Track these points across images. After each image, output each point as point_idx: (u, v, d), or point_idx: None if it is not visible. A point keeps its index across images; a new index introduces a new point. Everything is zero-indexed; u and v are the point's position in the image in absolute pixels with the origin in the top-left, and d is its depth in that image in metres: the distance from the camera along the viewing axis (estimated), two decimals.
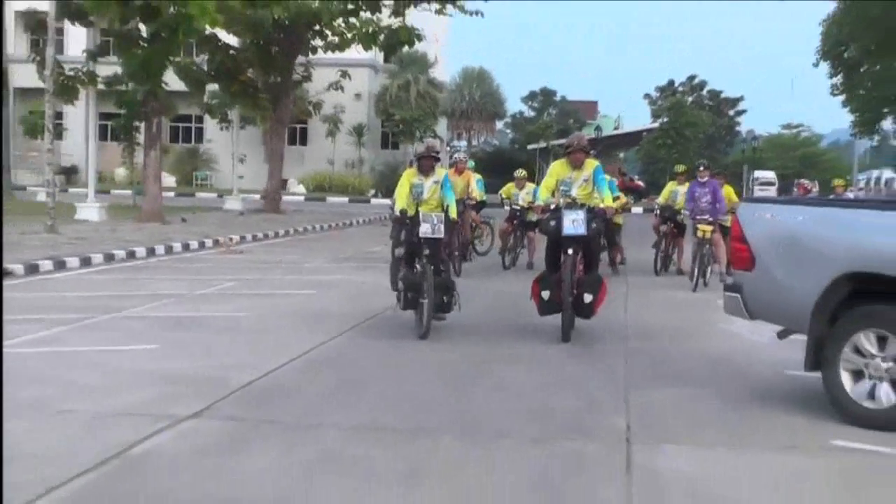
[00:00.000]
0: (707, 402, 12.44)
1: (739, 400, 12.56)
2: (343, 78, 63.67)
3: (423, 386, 13.00)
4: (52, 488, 8.28)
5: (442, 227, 16.34)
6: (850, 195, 54.33)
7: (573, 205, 15.87)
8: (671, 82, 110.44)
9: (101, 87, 52.28)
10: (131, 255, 28.86)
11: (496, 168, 66.35)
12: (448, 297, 16.63)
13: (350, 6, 52.17)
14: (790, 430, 11.07)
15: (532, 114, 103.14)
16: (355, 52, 58.54)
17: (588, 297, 15.69)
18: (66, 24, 53.39)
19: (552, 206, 16.80)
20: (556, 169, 17.29)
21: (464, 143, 77.51)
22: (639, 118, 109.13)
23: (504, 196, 31.82)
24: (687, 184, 29.04)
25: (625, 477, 9.17)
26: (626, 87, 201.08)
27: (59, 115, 57.34)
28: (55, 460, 8.94)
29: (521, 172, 32.94)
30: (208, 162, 77.22)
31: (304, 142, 73.50)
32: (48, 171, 42.93)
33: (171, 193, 58.03)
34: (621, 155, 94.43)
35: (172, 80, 51.92)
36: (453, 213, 17.04)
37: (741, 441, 10.59)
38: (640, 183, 55.46)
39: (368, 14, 53.15)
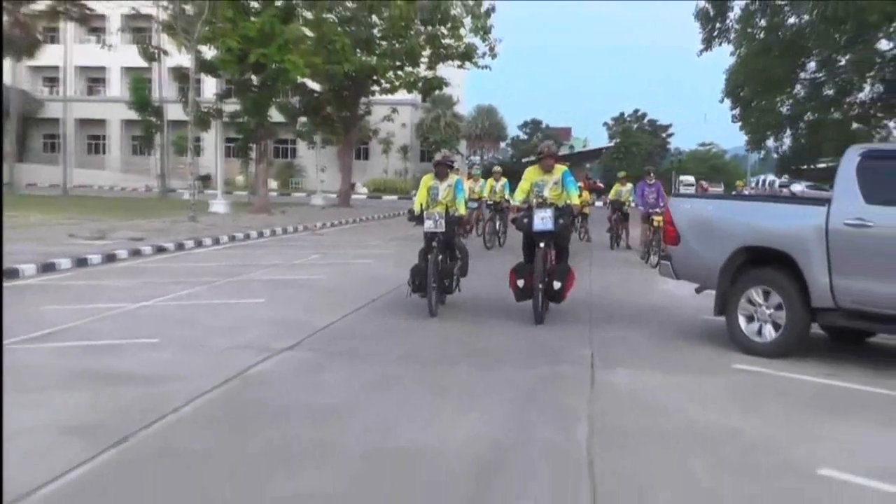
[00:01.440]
0: (647, 338, 12.71)
1: (668, 336, 12.88)
2: (393, 113, 63.85)
3: (446, 330, 13.06)
4: (199, 395, 8.59)
5: (442, 222, 14.27)
6: (746, 192, 55.21)
7: (543, 204, 13.66)
8: (622, 114, 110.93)
9: (225, 119, 52.66)
10: (247, 236, 28.97)
11: (485, 174, 66.99)
12: (449, 281, 14.67)
13: (398, 63, 52.22)
14: (704, 357, 11.37)
15: (525, 137, 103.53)
16: (402, 95, 58.54)
17: (557, 284, 13.36)
18: (202, 75, 53.47)
19: (526, 206, 14.26)
20: (530, 174, 14.65)
21: (478, 158, 77.72)
22: (600, 139, 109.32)
23: (486, 192, 29.95)
24: (628, 184, 30.62)
25: (590, 390, 9.43)
26: (590, 116, 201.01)
27: (197, 139, 57.91)
28: (197, 378, 9.16)
29: (497, 168, 31.85)
30: (299, 171, 77.14)
31: (366, 157, 73.53)
32: (190, 178, 43.24)
33: (274, 194, 58.08)
34: (588, 165, 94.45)
35: (275, 114, 52.22)
36: (461, 210, 15.00)
37: (670, 365, 10.84)
38: (601, 184, 55.43)
39: (410, 68, 53.18)
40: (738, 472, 6.75)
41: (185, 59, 50.02)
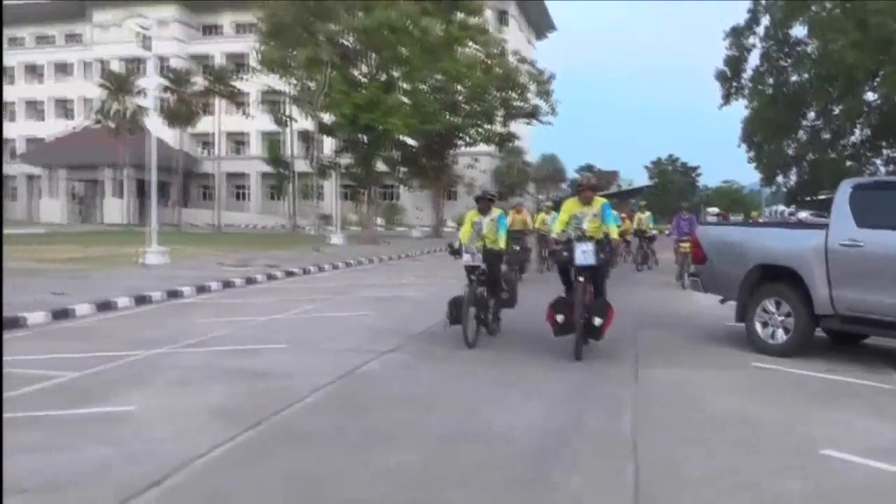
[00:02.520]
0: (681, 341, 12.54)
1: (698, 339, 12.68)
2: (475, 162, 64.14)
3: (507, 334, 12.85)
4: (319, 388, 8.64)
5: (479, 256, 11.85)
6: (761, 220, 54.55)
7: (584, 237, 11.15)
8: (659, 158, 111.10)
9: (341, 170, 53.21)
10: (359, 262, 29.13)
11: (557, 206, 66.86)
12: (485, 314, 11.91)
13: (478, 122, 52.55)
14: (727, 356, 11.17)
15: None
16: (481, 147, 58.76)
17: (598, 321, 10.76)
18: (322, 136, 54.09)
19: (565, 239, 11.65)
20: (569, 206, 11.97)
21: (544, 196, 77.49)
22: (642, 179, 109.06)
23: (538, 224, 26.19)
24: (647, 212, 29.63)
25: (634, 383, 9.35)
26: (635, 160, 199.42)
27: (320, 186, 58.65)
28: (317, 375, 9.21)
29: (548, 203, 30.78)
30: (401, 210, 77.46)
31: (454, 198, 73.35)
32: (314, 218, 43.78)
33: (381, 229, 58.36)
34: (632, 201, 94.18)
35: (380, 165, 52.72)
36: (500, 243, 12.24)
37: (699, 363, 10.74)
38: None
39: (488, 126, 53.46)
40: (755, 451, 6.67)
41: (308, 124, 50.92)
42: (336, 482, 5.79)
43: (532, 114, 54.37)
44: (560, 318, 10.86)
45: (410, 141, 52.43)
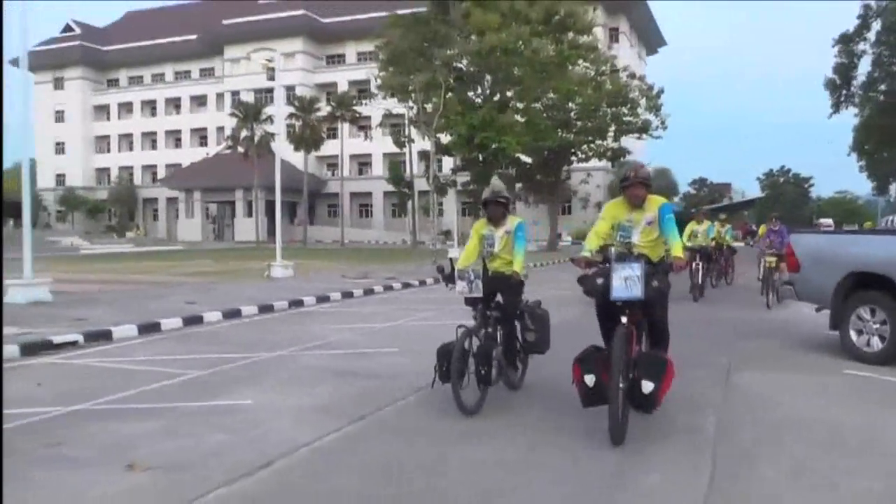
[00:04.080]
0: (774, 348, 12.23)
1: (793, 347, 12.35)
2: (588, 177, 63.88)
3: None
4: (420, 388, 8.85)
5: (479, 284, 8.25)
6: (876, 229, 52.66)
7: (627, 256, 7.41)
8: (771, 170, 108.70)
9: (459, 188, 53.90)
10: None
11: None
12: (487, 368, 7.93)
13: (590, 138, 52.37)
14: (820, 363, 10.85)
15: (693, 192, 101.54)
16: (594, 162, 58.48)
17: (648, 386, 6.90)
18: (440, 156, 54.78)
19: (599, 259, 7.71)
20: (611, 210, 7.84)
21: None
22: (754, 192, 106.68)
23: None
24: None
25: (724, 386, 9.22)
26: (747, 172, 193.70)
27: (440, 203, 59.48)
28: (422, 376, 9.28)
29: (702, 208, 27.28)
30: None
31: (569, 212, 72.95)
32: (433, 233, 44.32)
33: None
34: (745, 213, 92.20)
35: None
36: (517, 267, 8.44)
37: (792, 368, 10.46)
38: (754, 227, 53.88)
39: (600, 141, 53.21)
40: (835, 453, 6.56)
41: (427, 144, 51.52)
42: (421, 471, 6.08)
43: (643, 128, 53.84)
44: (590, 379, 6.84)
45: (526, 158, 52.59)
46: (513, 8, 45.00)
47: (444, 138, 49.50)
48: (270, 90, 67.02)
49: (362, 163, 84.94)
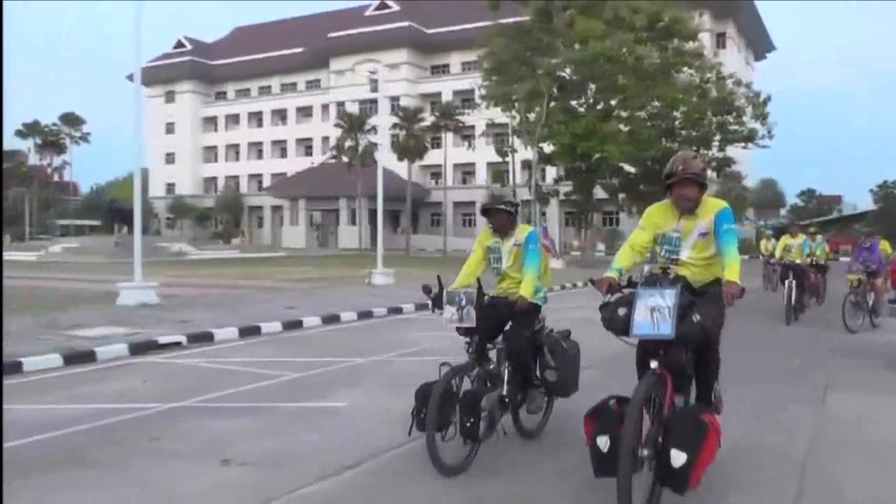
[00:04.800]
0: (873, 369, 11.48)
1: (892, 368, 11.64)
2: None
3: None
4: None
5: (471, 311, 6.53)
6: None
7: (659, 278, 5.55)
8: (885, 181, 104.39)
9: (562, 197, 53.74)
10: (574, 285, 29.07)
11: (777, 233, 64.58)
12: (473, 419, 6.11)
13: (694, 147, 51.53)
14: None
15: (802, 204, 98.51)
16: None
17: (678, 458, 4.87)
18: (543, 165, 54.74)
19: (623, 283, 5.63)
20: (653, 216, 5.90)
21: (762, 222, 74.88)
22: (867, 204, 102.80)
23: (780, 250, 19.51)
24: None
25: (821, 405, 8.81)
26: (859, 184, 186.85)
27: (543, 213, 59.36)
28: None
29: (768, 231, 25.01)
30: (622, 235, 76.52)
31: None
32: None
33: (601, 253, 57.97)
34: (855, 226, 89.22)
35: (599, 192, 52.84)
36: (525, 290, 6.67)
37: (891, 390, 9.89)
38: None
39: (704, 151, 52.32)
40: None
41: (529, 154, 51.51)
42: (501, 474, 6.13)
43: (748, 137, 52.59)
44: (604, 442, 5.02)
45: (629, 167, 52.11)
46: (617, 15, 44.62)
47: (547, 148, 49.46)
48: (375, 101, 67.82)
49: (466, 172, 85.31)
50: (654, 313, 5.08)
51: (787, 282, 17.54)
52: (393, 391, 9.24)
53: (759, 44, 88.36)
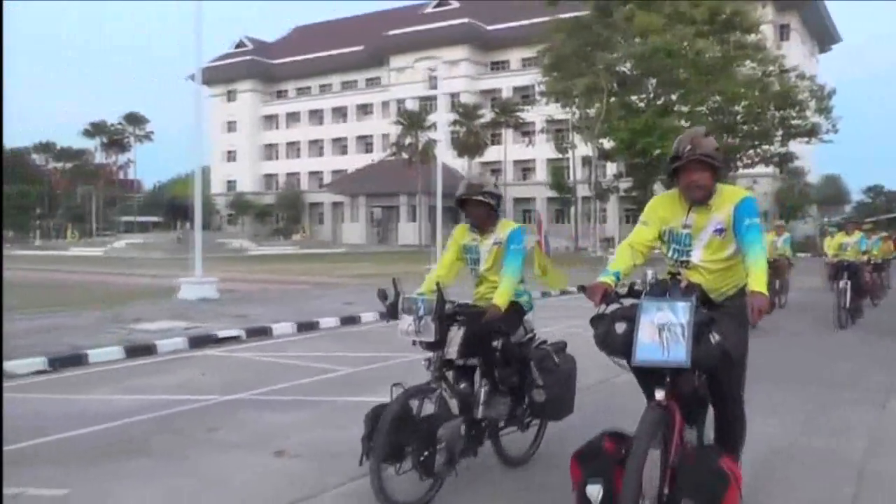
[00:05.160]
0: None
1: None
2: (754, 184, 62.00)
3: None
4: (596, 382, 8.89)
5: (430, 322, 5.33)
6: None
7: (669, 286, 4.33)
8: None
9: (621, 194, 53.43)
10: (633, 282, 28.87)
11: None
12: (429, 450, 4.94)
13: (755, 143, 50.84)
14: None
15: (868, 200, 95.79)
16: (760, 168, 56.64)
17: None
18: (603, 161, 54.54)
19: (622, 293, 4.46)
20: (657, 208, 4.73)
21: (827, 218, 73.54)
22: None
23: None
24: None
25: (880, 411, 8.34)
26: None
27: (602, 209, 59.13)
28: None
29: (833, 228, 21.88)
30: None
31: None
32: (594, 239, 44.08)
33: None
34: None
35: (658, 188, 52.34)
36: (498, 299, 5.52)
37: None
38: None
39: (766, 146, 51.60)
40: None
41: (589, 150, 51.35)
42: (565, 471, 6.09)
43: (811, 132, 51.65)
44: (595, 491, 4.05)
45: None
46: (677, 9, 44.27)
47: (606, 144, 49.25)
48: (434, 98, 68.19)
49: (525, 168, 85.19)
50: (664, 333, 3.97)
51: (840, 282, 15.71)
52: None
53: (823, 35, 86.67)
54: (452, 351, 5.46)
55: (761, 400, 8.59)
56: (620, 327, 4.18)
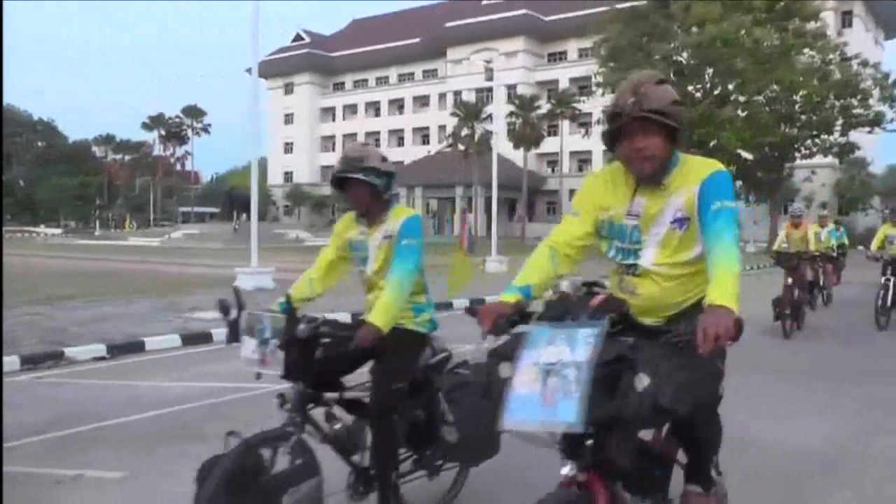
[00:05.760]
0: None
1: None
2: (812, 174, 61.05)
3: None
4: None
5: (277, 350, 3.85)
6: None
7: (572, 308, 2.72)
8: None
9: None
10: None
11: None
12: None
13: (814, 133, 49.98)
14: None
15: None
16: (819, 159, 55.67)
17: None
18: None
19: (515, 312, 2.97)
20: (591, 190, 3.33)
21: (887, 210, 71.74)
22: None
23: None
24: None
25: None
26: None
27: None
28: None
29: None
30: (741, 226, 75.22)
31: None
32: None
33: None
34: None
35: None
36: (377, 315, 3.96)
37: None
38: None
39: (826, 136, 50.70)
40: None
41: None
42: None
43: (875, 121, 50.50)
44: None
45: (746, 154, 50.96)
46: None
47: None
48: (491, 89, 68.08)
49: (582, 160, 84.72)
50: (550, 378, 2.55)
51: (883, 279, 14.21)
52: None
53: (890, 21, 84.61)
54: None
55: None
56: (505, 370, 2.73)
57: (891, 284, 14.08)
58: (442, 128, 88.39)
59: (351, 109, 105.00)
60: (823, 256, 16.74)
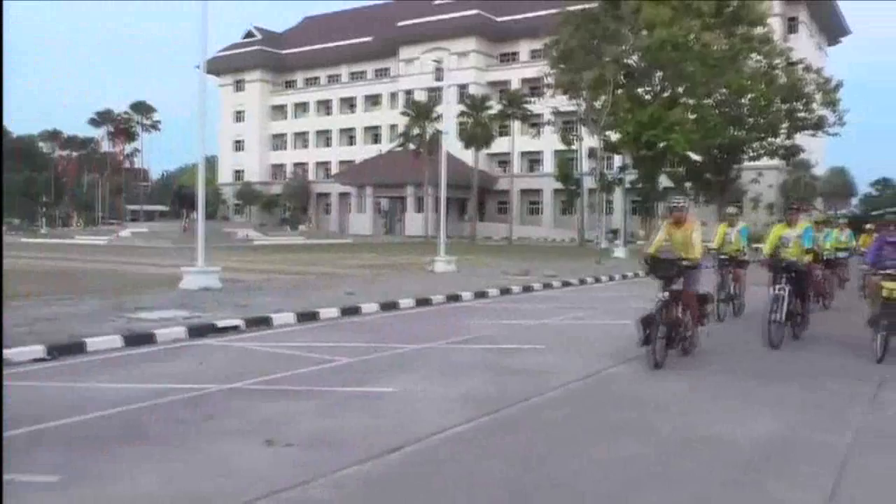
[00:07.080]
0: None
1: None
2: (759, 176, 61.78)
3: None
4: (564, 384, 8.99)
5: None
6: None
7: None
8: None
9: (627, 186, 53.39)
10: (636, 275, 28.40)
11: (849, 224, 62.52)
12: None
13: (761, 135, 50.73)
14: None
15: (876, 194, 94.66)
16: (766, 161, 56.48)
17: None
18: (609, 154, 54.49)
19: None
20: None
21: (832, 211, 73.03)
22: None
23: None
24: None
25: (871, 401, 8.60)
26: None
27: (608, 201, 59.14)
28: (566, 373, 9.64)
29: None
30: None
31: (739, 213, 70.97)
32: (601, 231, 44.01)
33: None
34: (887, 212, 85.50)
35: (664, 180, 52.47)
36: None
37: None
38: None
39: (772, 139, 51.50)
40: None
41: (595, 142, 51.32)
42: (548, 464, 6.13)
43: (817, 125, 51.51)
44: None
45: (695, 156, 51.58)
46: (684, 1, 44.31)
47: (613, 136, 49.33)
48: (442, 89, 68.25)
49: (532, 160, 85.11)
50: None
51: (775, 289, 12.33)
52: (444, 378, 9.33)
53: (832, 28, 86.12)
54: None
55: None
56: None
57: (785, 295, 12.22)
58: (393, 127, 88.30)
59: (302, 108, 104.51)
60: (733, 260, 15.62)
